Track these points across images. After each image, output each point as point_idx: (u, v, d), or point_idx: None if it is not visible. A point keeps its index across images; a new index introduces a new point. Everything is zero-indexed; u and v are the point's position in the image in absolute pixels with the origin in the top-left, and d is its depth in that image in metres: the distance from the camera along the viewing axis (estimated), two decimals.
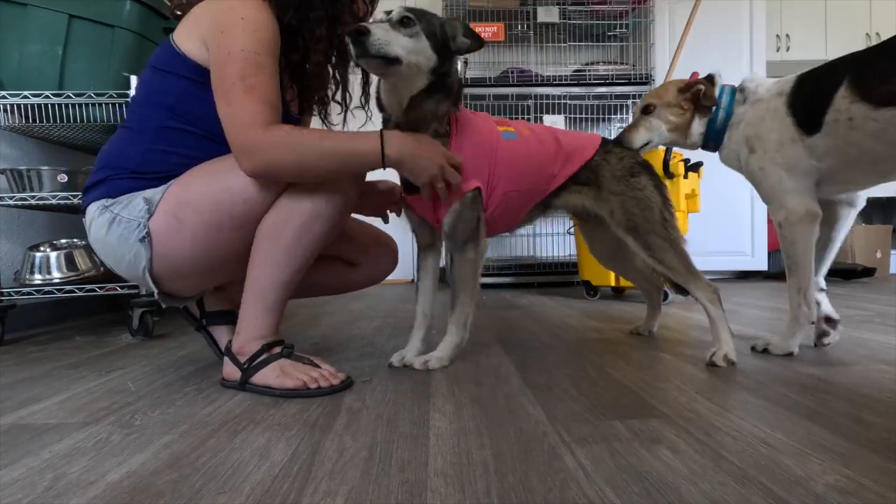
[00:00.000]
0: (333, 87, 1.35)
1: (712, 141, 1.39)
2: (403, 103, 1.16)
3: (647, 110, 1.43)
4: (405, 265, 1.40)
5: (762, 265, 3.42)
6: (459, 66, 1.38)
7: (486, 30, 3.35)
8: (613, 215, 1.35)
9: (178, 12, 1.24)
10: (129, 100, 1.79)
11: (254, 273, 1.13)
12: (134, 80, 1.77)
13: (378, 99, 1.22)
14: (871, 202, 4.18)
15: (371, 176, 1.21)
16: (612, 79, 3.40)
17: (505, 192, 1.28)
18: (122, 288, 1.83)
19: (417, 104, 1.16)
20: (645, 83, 3.40)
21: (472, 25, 3.31)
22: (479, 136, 1.25)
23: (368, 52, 1.05)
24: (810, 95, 1.21)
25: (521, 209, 1.38)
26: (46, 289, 1.80)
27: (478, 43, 1.18)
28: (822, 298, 1.39)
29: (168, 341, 1.73)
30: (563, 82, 3.43)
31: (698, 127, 1.39)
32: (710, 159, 1.61)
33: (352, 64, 1.24)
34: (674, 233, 1.33)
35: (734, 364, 1.23)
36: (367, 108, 1.37)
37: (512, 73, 3.41)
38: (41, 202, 1.81)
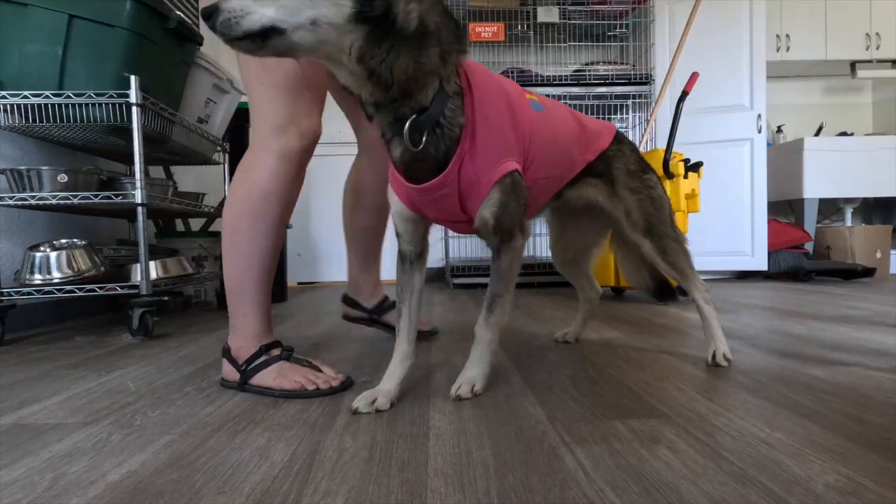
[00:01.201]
0: None
1: None
2: (357, 74, 0.83)
3: None
4: None
5: (762, 265, 3.41)
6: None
7: (486, 30, 3.35)
8: (630, 216, 1.24)
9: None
10: (128, 100, 1.78)
11: (228, 269, 1.14)
12: (134, 80, 1.77)
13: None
14: (871, 202, 4.20)
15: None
16: (612, 79, 3.41)
17: (535, 179, 1.06)
18: (122, 288, 1.83)
19: (380, 68, 0.81)
20: (645, 83, 3.40)
21: (472, 25, 3.36)
22: (506, 101, 0.97)
23: (224, 34, 0.76)
24: None
25: (542, 202, 1.20)
26: (46, 289, 1.80)
27: None
28: None
29: (168, 341, 1.73)
30: (563, 82, 3.43)
31: None
32: (709, 159, 1.61)
33: None
34: (680, 234, 1.30)
35: (730, 361, 1.25)
36: None
37: (512, 73, 3.41)
38: (41, 202, 1.81)
